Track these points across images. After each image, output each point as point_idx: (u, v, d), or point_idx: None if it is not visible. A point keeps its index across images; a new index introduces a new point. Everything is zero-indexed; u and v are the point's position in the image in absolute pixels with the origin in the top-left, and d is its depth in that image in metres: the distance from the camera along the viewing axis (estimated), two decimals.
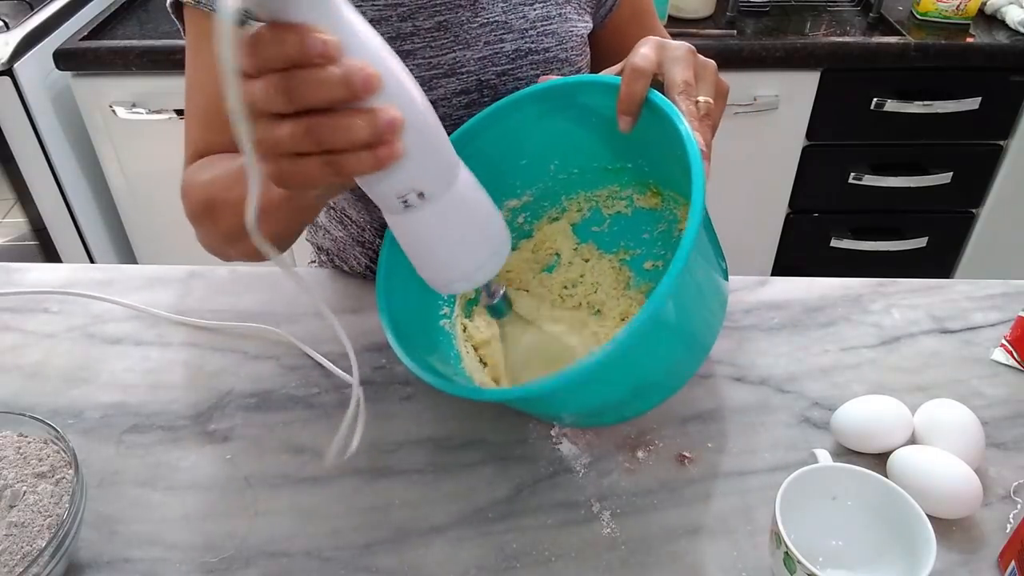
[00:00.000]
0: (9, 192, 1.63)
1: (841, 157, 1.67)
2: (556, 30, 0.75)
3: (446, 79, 0.73)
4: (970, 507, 0.58)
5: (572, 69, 0.77)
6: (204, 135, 0.71)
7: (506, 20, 0.73)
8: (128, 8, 1.72)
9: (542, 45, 0.75)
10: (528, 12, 0.74)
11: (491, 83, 0.74)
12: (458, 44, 0.72)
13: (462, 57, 0.73)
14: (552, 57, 0.75)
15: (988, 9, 1.62)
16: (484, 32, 0.73)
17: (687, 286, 0.53)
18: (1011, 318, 0.77)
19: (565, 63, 0.76)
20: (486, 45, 0.73)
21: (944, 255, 1.83)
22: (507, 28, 0.73)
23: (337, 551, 0.59)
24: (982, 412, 0.64)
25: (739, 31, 1.61)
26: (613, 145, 0.68)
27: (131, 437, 0.68)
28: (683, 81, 0.57)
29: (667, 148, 0.59)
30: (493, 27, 0.73)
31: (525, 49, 0.74)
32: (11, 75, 1.49)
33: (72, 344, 0.78)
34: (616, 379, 0.55)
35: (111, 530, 0.60)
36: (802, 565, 0.49)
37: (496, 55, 0.73)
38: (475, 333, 0.72)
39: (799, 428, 0.68)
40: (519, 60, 0.74)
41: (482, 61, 0.73)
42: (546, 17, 0.75)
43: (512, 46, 0.74)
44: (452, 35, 0.72)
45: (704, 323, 0.59)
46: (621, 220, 0.74)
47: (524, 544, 0.59)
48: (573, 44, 0.77)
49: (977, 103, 1.56)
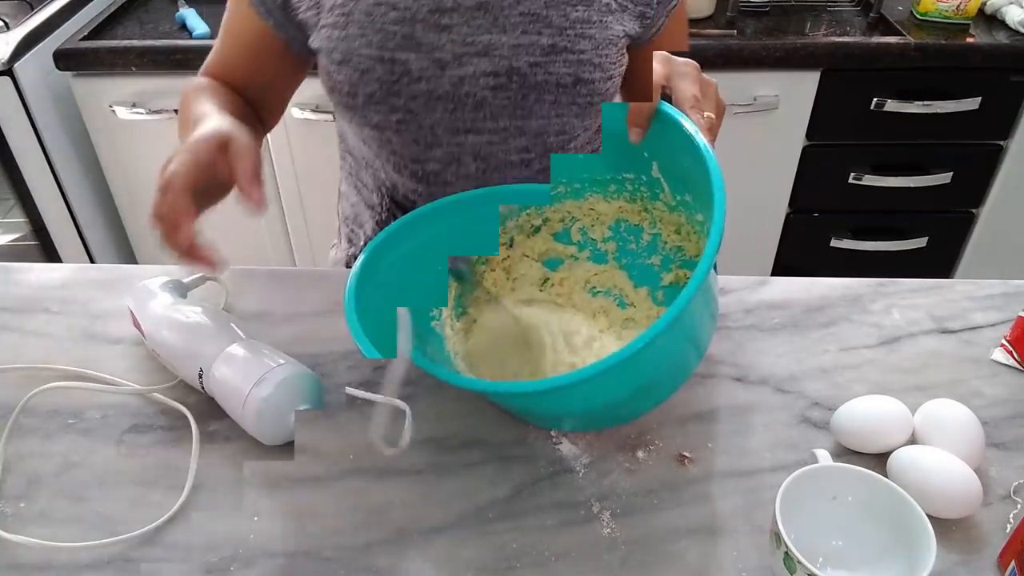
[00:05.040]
0: (9, 192, 1.63)
1: (841, 157, 1.67)
2: (595, 35, 0.76)
3: (478, 58, 0.75)
4: (970, 507, 0.58)
5: (604, 75, 0.78)
6: (222, 54, 0.85)
7: (546, 15, 0.75)
8: (128, 8, 1.72)
9: (578, 46, 0.76)
10: (570, 12, 0.75)
11: (521, 71, 0.75)
12: (496, 27, 0.74)
13: (497, 41, 0.74)
14: (586, 60, 0.76)
15: (988, 9, 1.62)
16: (523, 21, 0.74)
17: (701, 301, 0.55)
18: (1011, 318, 0.77)
19: (598, 68, 0.77)
20: (523, 34, 0.74)
21: (944, 255, 1.83)
22: (546, 22, 0.75)
23: (337, 551, 0.59)
24: (982, 412, 0.64)
25: (739, 31, 1.61)
26: (607, 158, 0.70)
27: (131, 437, 0.68)
28: (693, 96, 0.59)
29: (670, 157, 0.59)
30: (533, 18, 0.74)
31: (561, 46, 0.75)
32: (11, 75, 1.49)
33: (72, 344, 0.78)
34: (620, 382, 0.56)
35: (111, 530, 0.60)
36: (802, 565, 0.49)
37: (532, 45, 0.75)
38: (462, 336, 0.73)
39: (799, 428, 0.68)
40: (553, 55, 0.75)
41: (516, 48, 0.75)
42: (587, 20, 0.76)
43: (548, 40, 0.75)
44: (491, 17, 0.74)
45: (706, 330, 0.61)
46: (606, 230, 0.75)
47: (524, 544, 0.59)
48: (609, 52, 0.78)
49: (977, 103, 1.56)
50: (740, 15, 1.66)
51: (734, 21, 1.64)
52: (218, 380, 0.65)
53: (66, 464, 0.66)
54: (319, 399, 0.67)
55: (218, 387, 0.66)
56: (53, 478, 0.64)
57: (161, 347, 0.71)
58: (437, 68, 0.75)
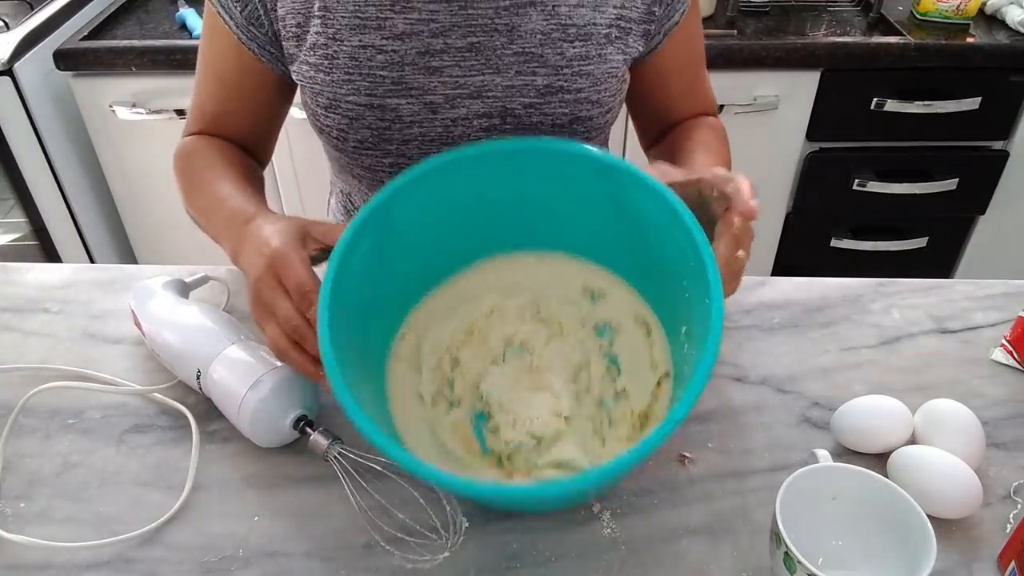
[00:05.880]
0: (9, 192, 1.63)
1: (845, 163, 1.67)
2: (592, 71, 0.73)
3: (470, 100, 0.72)
4: (970, 507, 0.58)
5: (602, 110, 0.76)
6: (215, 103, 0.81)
7: (541, 53, 0.71)
8: (128, 8, 1.72)
9: (575, 85, 0.73)
10: (567, 49, 0.72)
11: (515, 112, 0.73)
12: (488, 68, 0.71)
13: (490, 82, 0.72)
14: (584, 98, 0.73)
15: (988, 9, 1.62)
16: (516, 61, 0.71)
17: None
18: (1011, 318, 0.77)
19: (596, 104, 0.74)
20: (517, 75, 0.72)
21: (944, 255, 1.83)
22: (541, 62, 0.72)
23: (337, 551, 0.59)
24: (982, 412, 0.64)
25: (739, 31, 1.61)
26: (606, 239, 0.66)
27: (131, 437, 0.68)
28: (735, 242, 0.59)
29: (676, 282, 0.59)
30: (527, 58, 0.71)
31: (557, 86, 0.72)
32: (11, 75, 1.49)
33: (72, 344, 0.78)
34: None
35: (111, 530, 0.60)
36: (802, 565, 0.49)
37: (526, 86, 0.72)
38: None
39: (799, 428, 0.68)
40: (549, 96, 0.72)
41: (510, 89, 0.72)
42: (584, 56, 0.72)
43: (544, 80, 0.72)
44: (483, 58, 0.71)
45: None
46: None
47: (524, 544, 0.59)
48: (608, 86, 0.75)
49: (977, 103, 1.56)
50: (740, 15, 1.66)
51: (734, 21, 1.64)
52: (215, 382, 0.65)
53: (66, 464, 0.66)
54: (315, 403, 0.67)
55: (215, 389, 0.66)
56: (53, 478, 0.64)
57: (161, 347, 0.71)
58: (429, 112, 0.72)
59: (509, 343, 0.68)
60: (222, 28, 0.74)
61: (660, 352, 0.64)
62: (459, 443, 0.63)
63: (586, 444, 0.62)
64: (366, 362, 0.61)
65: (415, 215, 0.63)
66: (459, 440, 0.63)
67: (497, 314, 0.69)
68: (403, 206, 0.62)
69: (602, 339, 0.67)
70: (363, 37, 0.71)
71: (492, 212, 0.66)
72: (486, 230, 0.68)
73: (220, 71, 0.78)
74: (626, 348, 0.66)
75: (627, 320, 0.66)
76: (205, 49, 0.78)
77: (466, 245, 0.68)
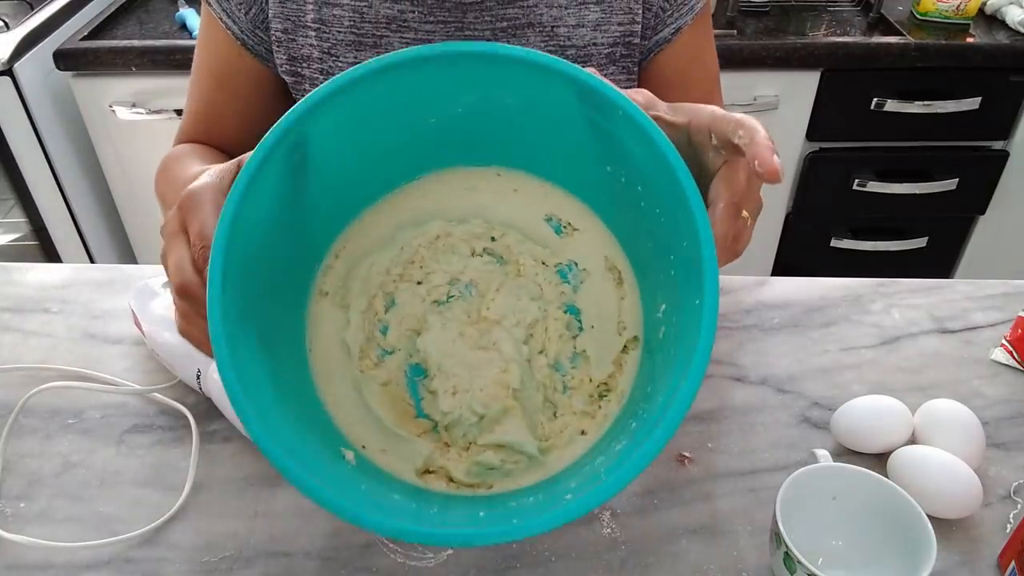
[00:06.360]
0: (9, 192, 1.63)
1: (845, 163, 1.67)
2: None
3: None
4: (970, 507, 0.58)
5: None
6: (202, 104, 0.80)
7: None
8: (128, 8, 1.72)
9: None
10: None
11: None
12: None
13: None
14: None
15: (988, 9, 1.62)
16: None
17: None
18: (1011, 318, 0.77)
19: None
20: None
21: (944, 255, 1.83)
22: None
23: (337, 551, 0.59)
24: (982, 412, 0.64)
25: (739, 31, 1.61)
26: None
27: (131, 437, 0.68)
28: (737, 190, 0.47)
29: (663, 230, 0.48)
30: None
31: None
32: (11, 75, 1.49)
33: (72, 344, 0.78)
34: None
35: (111, 530, 0.60)
36: (802, 565, 0.49)
37: None
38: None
39: (799, 428, 0.68)
40: None
41: None
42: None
43: None
44: None
45: None
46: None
47: (524, 544, 0.59)
48: None
49: (977, 103, 1.56)
50: (740, 15, 1.66)
51: (734, 21, 1.64)
52: (215, 381, 0.65)
53: (66, 464, 0.66)
54: None
55: (215, 388, 0.66)
56: (53, 478, 0.64)
57: (161, 347, 0.71)
58: None
59: (455, 281, 0.56)
60: (221, 32, 0.75)
61: (629, 310, 0.54)
62: (388, 406, 0.53)
63: (535, 418, 0.53)
64: (284, 299, 0.51)
65: (347, 129, 0.51)
66: (388, 401, 0.53)
67: (443, 242, 0.56)
68: (329, 120, 0.49)
69: (565, 284, 0.55)
70: (359, 55, 0.70)
71: (442, 124, 0.53)
72: (434, 143, 0.54)
73: (219, 73, 0.78)
74: (591, 299, 0.55)
75: (597, 264, 0.55)
76: (202, 54, 0.78)
77: (410, 158, 0.55)
